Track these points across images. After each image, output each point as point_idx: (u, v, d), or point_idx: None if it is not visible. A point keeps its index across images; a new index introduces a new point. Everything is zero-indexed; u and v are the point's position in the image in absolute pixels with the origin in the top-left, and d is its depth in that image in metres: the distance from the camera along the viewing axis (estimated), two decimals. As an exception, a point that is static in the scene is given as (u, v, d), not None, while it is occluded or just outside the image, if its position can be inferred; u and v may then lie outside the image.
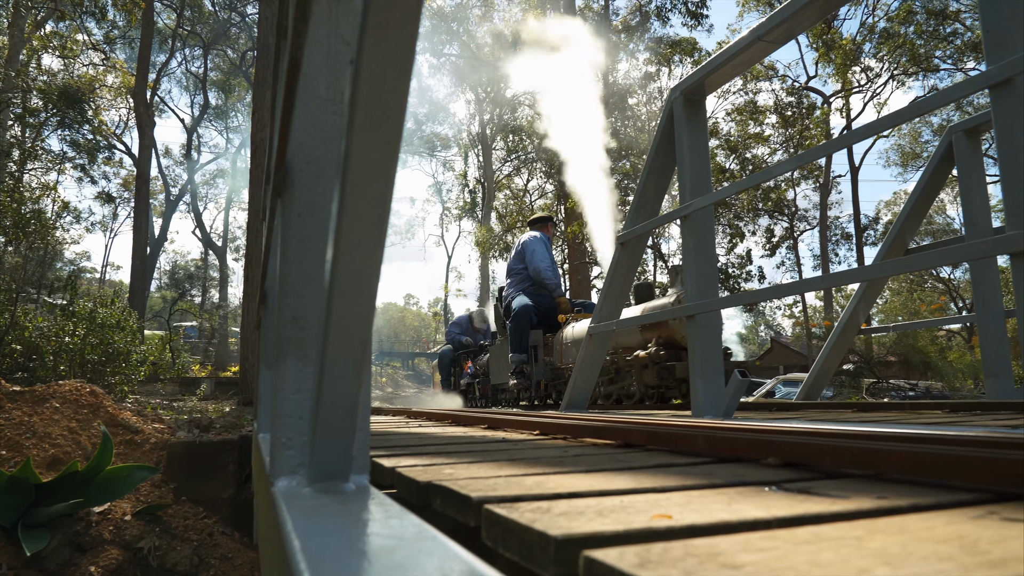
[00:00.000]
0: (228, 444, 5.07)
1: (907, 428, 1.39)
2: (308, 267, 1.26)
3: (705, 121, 3.59)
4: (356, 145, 0.81)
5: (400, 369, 43.90)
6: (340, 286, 0.93)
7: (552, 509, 0.90)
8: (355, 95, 0.78)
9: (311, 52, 1.27)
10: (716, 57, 3.37)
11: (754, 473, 1.26)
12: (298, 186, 1.25)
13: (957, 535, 0.71)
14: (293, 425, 1.24)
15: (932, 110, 2.45)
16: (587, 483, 1.15)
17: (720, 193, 3.36)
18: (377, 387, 32.95)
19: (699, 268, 3.34)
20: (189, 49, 30.94)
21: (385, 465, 1.57)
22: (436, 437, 2.54)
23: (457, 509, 1.08)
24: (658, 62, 24.77)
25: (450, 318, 47.93)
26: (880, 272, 2.53)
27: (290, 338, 1.23)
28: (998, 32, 2.07)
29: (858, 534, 0.72)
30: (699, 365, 3.25)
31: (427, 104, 33.69)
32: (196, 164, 35.06)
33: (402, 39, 0.74)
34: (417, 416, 4.67)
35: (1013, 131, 1.99)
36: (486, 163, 33.65)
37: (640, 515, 0.85)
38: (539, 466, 1.43)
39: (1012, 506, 0.88)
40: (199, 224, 34.18)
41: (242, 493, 4.94)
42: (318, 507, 1.00)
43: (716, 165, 25.15)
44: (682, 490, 1.08)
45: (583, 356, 4.27)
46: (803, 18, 2.88)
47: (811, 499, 0.96)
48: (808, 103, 27.08)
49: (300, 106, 1.26)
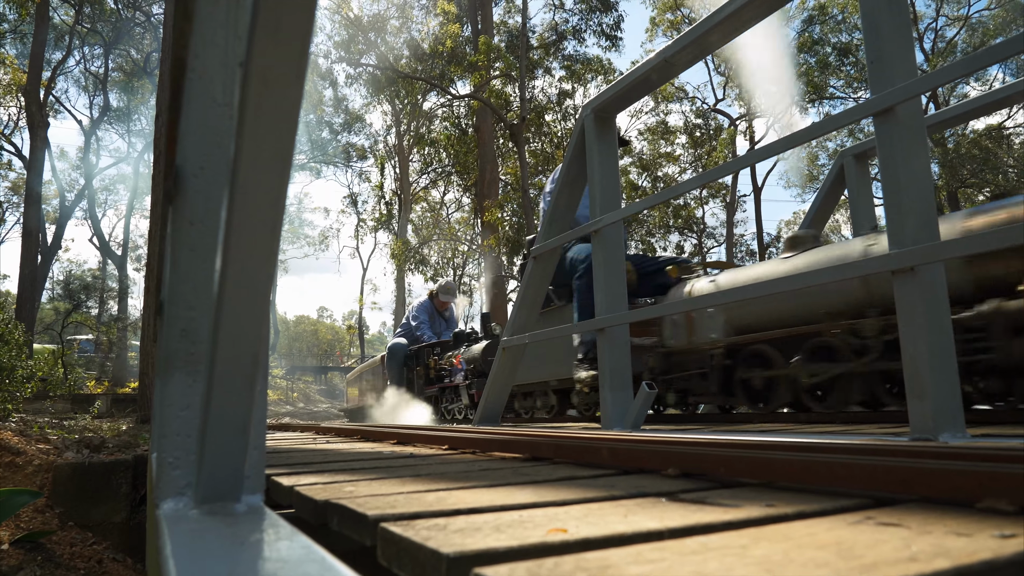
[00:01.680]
0: (121, 464, 4.78)
1: (798, 437, 1.45)
2: (200, 278, 1.21)
3: (615, 138, 3.67)
4: (246, 150, 0.77)
5: (312, 383, 42.72)
6: (230, 297, 0.89)
7: (449, 526, 0.89)
8: (245, 98, 0.74)
9: (207, 54, 1.21)
10: (625, 77, 3.46)
11: (654, 484, 1.28)
12: (190, 192, 1.19)
13: (836, 541, 0.74)
14: (181, 443, 1.17)
15: (823, 135, 2.60)
16: (489, 498, 1.14)
17: (629, 209, 3.44)
18: (288, 402, 31.93)
19: (608, 282, 3.41)
20: (89, 48, 29.35)
21: (283, 483, 1.52)
22: (342, 453, 2.47)
23: (353, 528, 1.05)
24: (573, 80, 25.29)
25: (365, 331, 47.03)
26: (755, 292, 2.65)
27: (178, 352, 1.17)
28: (881, 63, 2.21)
29: (744, 543, 0.74)
30: (608, 377, 3.30)
31: (343, 113, 33.12)
32: (95, 168, 33.20)
33: (294, 42, 0.72)
34: (325, 432, 4.55)
35: (894, 157, 2.12)
36: (403, 175, 33.38)
37: (537, 530, 0.84)
38: (443, 481, 1.41)
39: (887, 511, 0.93)
40: (97, 231, 32.31)
41: (136, 516, 4.66)
42: (203, 530, 0.95)
43: (629, 182, 25.86)
44: (582, 503, 1.08)
45: (496, 370, 4.27)
46: (707, 43, 3.00)
47: (704, 509, 0.98)
48: (715, 125, 28.27)
49: (194, 109, 1.21)
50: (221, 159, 1.21)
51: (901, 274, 2.02)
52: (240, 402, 0.98)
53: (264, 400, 1.21)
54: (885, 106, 2.11)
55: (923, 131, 2.15)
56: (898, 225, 2.08)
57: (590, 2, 22.54)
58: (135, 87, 30.47)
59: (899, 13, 2.22)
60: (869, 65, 2.24)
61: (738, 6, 2.73)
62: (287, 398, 32.91)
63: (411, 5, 24.57)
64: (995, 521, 0.80)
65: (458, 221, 30.74)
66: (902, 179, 2.08)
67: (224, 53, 1.22)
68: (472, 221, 29.00)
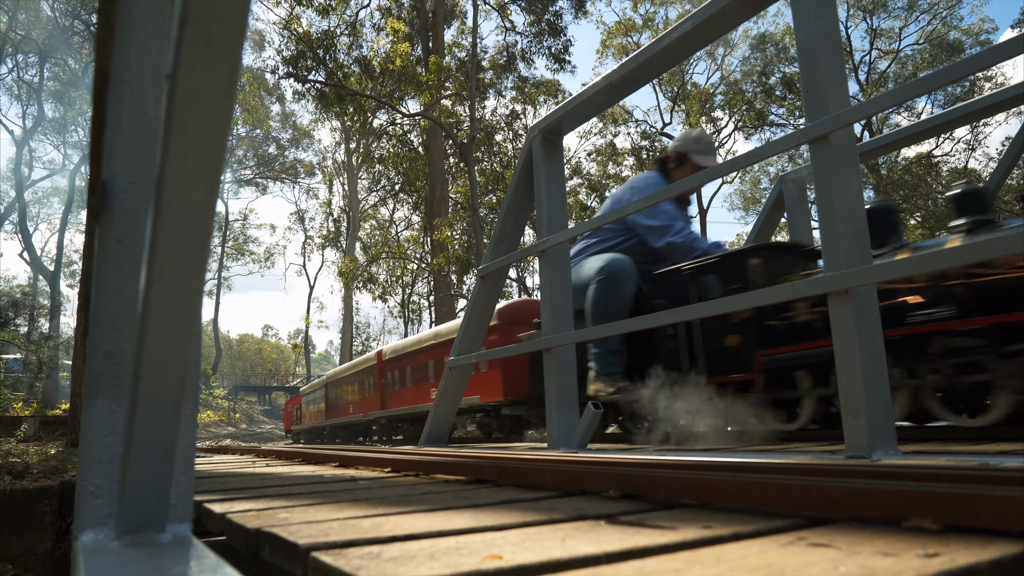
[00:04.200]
0: (46, 492, 4.55)
1: (736, 457, 1.47)
2: (128, 297, 1.16)
3: (562, 159, 3.71)
4: (172, 165, 0.75)
5: (256, 404, 41.66)
6: (155, 316, 0.85)
7: (383, 554, 0.86)
8: (171, 113, 0.72)
9: (139, 64, 1.18)
10: (572, 99, 3.51)
11: (595, 506, 1.28)
12: (118, 208, 1.15)
13: (767, 563, 0.74)
14: (103, 471, 1.11)
15: (763, 159, 2.68)
16: (427, 523, 1.12)
17: (576, 229, 3.47)
18: (230, 423, 31.02)
19: (555, 302, 3.42)
20: (23, 55, 28.33)
21: (215, 511, 1.46)
22: (280, 477, 2.40)
23: (285, 557, 1.01)
24: (524, 101, 25.55)
25: (312, 350, 45.93)
26: (692, 314, 2.70)
27: (101, 375, 1.12)
28: (816, 92, 2.29)
29: (678, 566, 0.74)
30: (555, 397, 3.30)
31: (291, 129, 32.69)
32: (27, 180, 31.94)
33: (225, 57, 0.70)
34: (266, 455, 4.42)
35: (829, 182, 2.20)
36: (351, 192, 33.08)
37: (472, 556, 0.82)
38: (382, 506, 1.38)
39: (820, 530, 0.94)
40: (28, 246, 31.03)
41: (61, 546, 4.43)
42: (122, 563, 0.90)
43: (578, 202, 26.15)
44: (521, 527, 1.07)
45: (443, 389, 4.23)
46: (649, 68, 3.07)
47: (642, 531, 0.98)
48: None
49: (125, 123, 1.17)
50: (152, 174, 1.17)
51: (835, 296, 2.07)
52: (166, 426, 0.94)
53: (193, 423, 1.16)
54: (820, 133, 2.19)
55: (855, 158, 2.23)
56: (832, 248, 2.15)
57: (540, 26, 22.85)
58: (72, 97, 29.52)
59: (833, 45, 2.31)
60: (804, 94, 2.32)
61: (680, 33, 2.80)
62: (229, 419, 31.97)
63: (362, 23, 24.51)
64: (921, 540, 0.82)
65: (407, 239, 30.56)
66: (836, 204, 2.14)
67: (157, 64, 1.18)
68: (422, 240, 28.87)
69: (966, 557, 0.70)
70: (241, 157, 32.01)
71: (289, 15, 19.79)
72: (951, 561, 0.68)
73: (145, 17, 1.17)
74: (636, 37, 27.80)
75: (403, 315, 31.35)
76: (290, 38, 19.56)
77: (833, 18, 2.33)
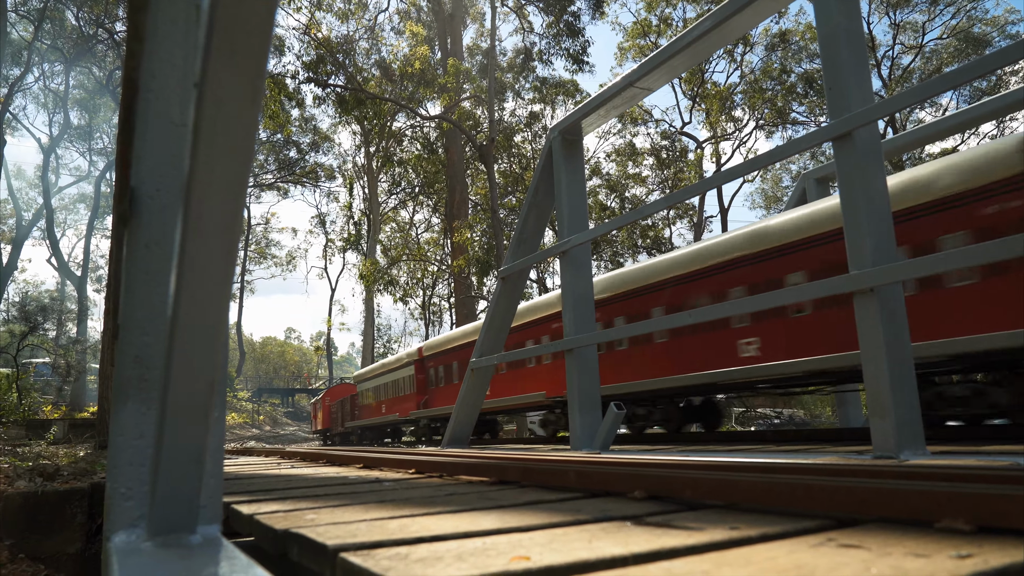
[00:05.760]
0: (76, 493, 4.62)
1: (762, 458, 1.46)
2: (156, 302, 1.18)
3: (582, 160, 3.71)
4: (200, 172, 0.76)
5: (280, 406, 42.00)
6: (184, 322, 0.86)
7: (411, 555, 0.87)
8: (199, 120, 0.73)
9: (165, 74, 1.19)
10: (591, 100, 3.50)
11: (620, 507, 1.27)
12: (146, 215, 1.17)
13: (796, 564, 0.73)
14: (133, 473, 1.13)
15: (785, 158, 2.65)
16: (453, 524, 1.12)
17: (596, 230, 3.47)
18: (254, 425, 31.32)
19: (576, 303, 3.41)
20: (49, 64, 28.85)
21: (243, 512, 1.48)
22: (306, 479, 2.42)
23: (313, 558, 1.02)
24: (542, 102, 25.52)
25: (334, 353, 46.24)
26: (709, 315, 2.67)
27: (131, 379, 1.14)
28: (838, 89, 2.27)
29: (706, 568, 0.74)
30: (577, 398, 3.30)
31: (312, 133, 32.94)
32: (54, 187, 32.52)
33: (250, 65, 0.71)
34: (290, 457, 4.46)
35: (852, 180, 2.17)
36: (371, 195, 33.26)
37: (500, 558, 0.83)
38: (408, 507, 1.39)
39: (849, 531, 0.93)
40: (55, 252, 31.58)
41: (91, 547, 4.50)
42: (154, 564, 0.92)
43: (597, 203, 26.06)
44: (547, 528, 1.07)
45: (465, 392, 4.24)
46: (672, 67, 3.05)
47: (669, 532, 0.97)
48: (681, 147, 28.72)
49: (151, 131, 1.18)
50: (178, 180, 1.19)
51: (860, 295, 2.05)
52: (195, 430, 0.96)
53: (222, 427, 1.18)
54: (843, 131, 2.16)
55: (880, 155, 2.21)
56: (857, 246, 2.13)
57: (558, 27, 22.83)
58: (97, 105, 29.99)
59: (855, 42, 2.29)
60: (827, 92, 2.29)
61: (702, 31, 2.78)
62: (253, 421, 32.28)
63: (380, 27, 24.66)
64: (953, 541, 0.81)
65: (427, 241, 30.66)
66: (860, 201, 2.12)
67: (182, 73, 1.20)
68: (442, 242, 28.96)
69: (1000, 558, 0.69)
70: (262, 161, 32.38)
71: (309, 20, 19.96)
72: (984, 562, 0.67)
73: (170, 27, 1.19)
74: (654, 39, 27.66)
75: (424, 317, 31.45)
76: (310, 43, 19.74)
77: (855, 14, 2.31)
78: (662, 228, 28.62)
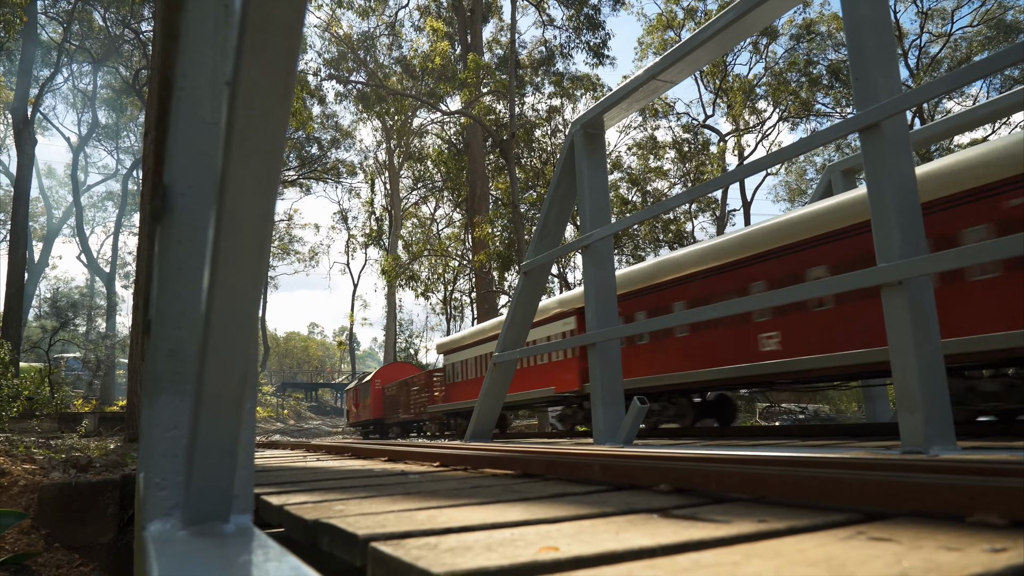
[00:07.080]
0: (108, 484, 4.72)
1: (789, 451, 1.45)
2: (188, 297, 1.20)
3: (604, 154, 3.70)
4: (233, 170, 0.77)
5: (303, 400, 42.43)
6: (217, 317, 0.88)
7: (440, 545, 0.88)
8: (231, 118, 0.74)
9: (195, 72, 1.21)
10: (613, 93, 3.49)
11: (646, 500, 1.28)
12: (178, 212, 1.19)
13: (826, 557, 0.73)
14: (168, 464, 1.16)
15: (810, 150, 2.63)
16: (480, 516, 1.14)
17: (618, 224, 3.45)
18: (279, 419, 31.69)
19: (599, 297, 3.41)
20: (77, 65, 29.34)
21: (273, 503, 1.50)
22: (332, 471, 2.45)
23: (344, 548, 1.04)
24: (562, 96, 25.45)
25: (356, 348, 46.63)
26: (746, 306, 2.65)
27: (166, 372, 1.16)
28: (865, 80, 2.24)
29: (736, 559, 0.74)
30: (600, 392, 3.30)
31: (333, 130, 33.18)
32: (83, 185, 33.10)
33: (280, 63, 0.72)
34: (316, 449, 4.51)
35: (880, 171, 2.15)
36: (393, 191, 33.43)
37: (528, 548, 0.83)
38: (435, 499, 1.40)
39: (878, 525, 0.93)
40: (85, 249, 32.17)
41: (123, 537, 4.60)
42: (191, 552, 0.94)
43: (619, 197, 25.94)
44: (574, 520, 1.08)
45: (488, 385, 4.25)
46: (695, 59, 3.03)
47: (696, 525, 0.98)
48: (703, 140, 28.46)
49: (182, 129, 1.20)
50: (210, 178, 1.21)
51: (889, 288, 2.03)
52: (228, 422, 0.97)
53: (253, 419, 1.20)
54: (870, 122, 2.14)
55: (908, 145, 2.18)
56: (885, 239, 2.10)
57: (578, 20, 22.73)
58: (124, 104, 30.44)
59: (883, 31, 2.25)
60: (854, 82, 2.27)
61: (725, 23, 2.76)
62: (277, 415, 32.64)
63: (401, 23, 24.73)
64: (986, 535, 0.80)
65: (448, 237, 30.74)
66: (888, 193, 2.09)
67: (212, 72, 1.22)
68: (463, 237, 29.02)
69: (1034, 552, 0.68)
70: (285, 158, 32.69)
71: (330, 18, 20.07)
72: (1020, 556, 0.67)
73: (199, 25, 1.21)
74: (676, 32, 27.41)
75: (445, 312, 31.58)
76: (331, 40, 19.85)
77: (882, 3, 2.27)
78: (684, 222, 28.42)
